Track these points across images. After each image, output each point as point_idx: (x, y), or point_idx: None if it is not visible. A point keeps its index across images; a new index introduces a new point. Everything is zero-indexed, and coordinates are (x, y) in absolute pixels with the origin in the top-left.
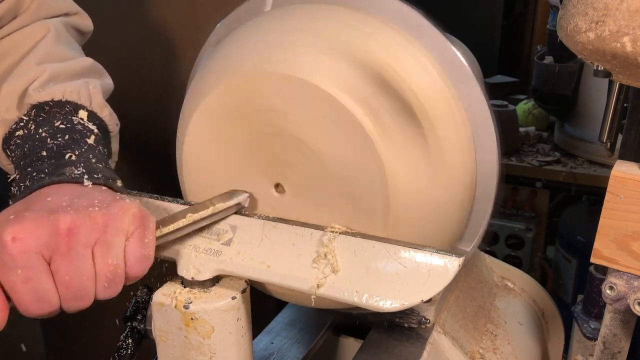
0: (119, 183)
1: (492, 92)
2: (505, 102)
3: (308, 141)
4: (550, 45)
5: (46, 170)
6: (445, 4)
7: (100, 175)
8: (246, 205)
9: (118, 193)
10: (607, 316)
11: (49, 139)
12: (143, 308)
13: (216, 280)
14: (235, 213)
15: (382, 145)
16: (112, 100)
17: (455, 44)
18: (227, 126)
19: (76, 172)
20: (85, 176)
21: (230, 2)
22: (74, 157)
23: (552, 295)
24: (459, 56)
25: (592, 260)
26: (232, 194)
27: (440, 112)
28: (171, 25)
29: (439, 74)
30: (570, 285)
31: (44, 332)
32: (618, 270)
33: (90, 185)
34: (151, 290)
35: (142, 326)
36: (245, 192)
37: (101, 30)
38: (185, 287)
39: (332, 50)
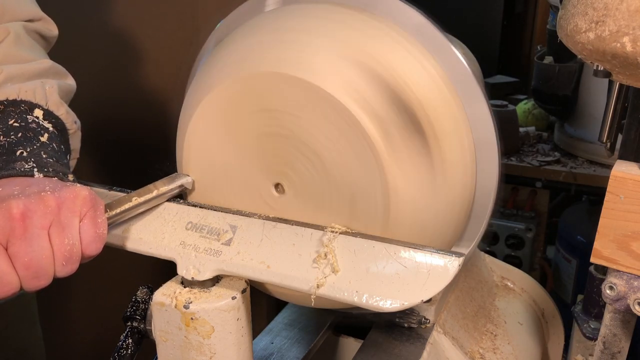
0: (71, 177)
1: (492, 92)
2: (505, 102)
3: (312, 145)
4: (550, 45)
5: None
6: (445, 4)
7: (50, 169)
8: (190, 188)
9: (69, 182)
10: (607, 316)
11: (1, 137)
12: (143, 308)
13: (216, 280)
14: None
15: (389, 162)
16: (112, 100)
17: (455, 44)
18: (227, 125)
19: (26, 166)
20: (35, 169)
21: (230, 3)
22: (25, 154)
23: (552, 295)
24: (459, 57)
25: (592, 260)
26: (175, 176)
27: (446, 128)
28: (171, 25)
29: (443, 80)
30: (570, 285)
31: (44, 332)
32: (618, 270)
33: (41, 177)
34: (151, 290)
35: (142, 326)
36: (188, 175)
37: (102, 31)
38: (185, 287)
39: (344, 57)
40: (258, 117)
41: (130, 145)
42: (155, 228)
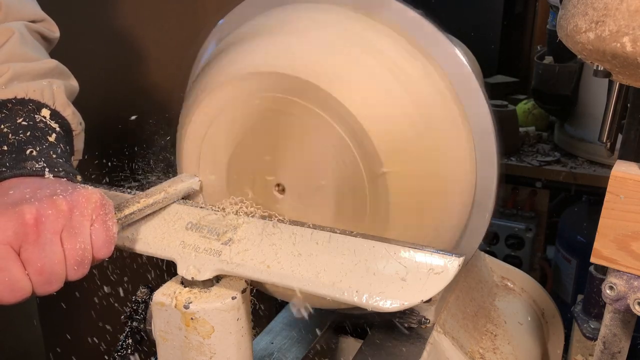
0: (79, 178)
1: (492, 92)
2: (505, 102)
3: (315, 161)
4: (550, 45)
5: (7, 164)
6: (445, 4)
7: (61, 169)
8: (197, 189)
9: (78, 183)
10: (607, 316)
11: (10, 135)
12: (143, 308)
13: (216, 280)
14: (225, 210)
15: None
16: (112, 99)
17: (455, 44)
18: (228, 126)
19: (37, 166)
20: (47, 169)
21: (231, 3)
22: (34, 153)
23: (552, 295)
24: (460, 57)
25: (592, 260)
26: (183, 178)
27: (446, 129)
28: (172, 25)
29: (442, 79)
30: (570, 285)
31: (44, 332)
32: (618, 270)
33: (51, 178)
34: (151, 290)
35: (142, 326)
36: (196, 176)
37: (102, 31)
38: (185, 287)
39: (386, 91)
40: (261, 118)
41: (130, 144)
42: (155, 228)
